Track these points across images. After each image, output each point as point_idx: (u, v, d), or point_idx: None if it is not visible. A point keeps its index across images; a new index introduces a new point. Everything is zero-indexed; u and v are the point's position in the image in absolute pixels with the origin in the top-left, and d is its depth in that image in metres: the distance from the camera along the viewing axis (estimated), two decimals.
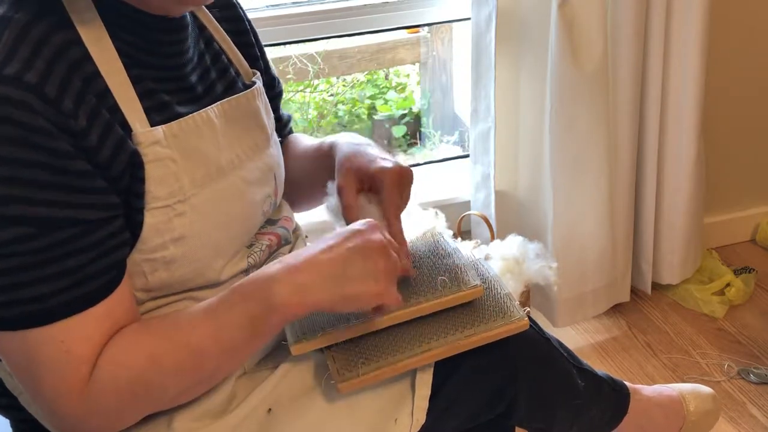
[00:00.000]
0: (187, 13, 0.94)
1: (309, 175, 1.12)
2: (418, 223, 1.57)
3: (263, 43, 1.15)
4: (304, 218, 1.77)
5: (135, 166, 0.82)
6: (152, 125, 0.84)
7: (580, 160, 1.68)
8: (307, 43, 1.92)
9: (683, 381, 1.65)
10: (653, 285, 1.94)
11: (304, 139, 1.21)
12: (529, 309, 1.01)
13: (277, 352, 0.98)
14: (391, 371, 0.93)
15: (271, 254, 1.03)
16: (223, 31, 1.03)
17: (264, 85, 1.06)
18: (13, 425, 1.00)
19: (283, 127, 1.20)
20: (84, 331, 0.79)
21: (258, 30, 1.15)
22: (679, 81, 1.73)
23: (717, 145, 1.97)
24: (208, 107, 0.91)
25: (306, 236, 1.14)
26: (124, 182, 0.81)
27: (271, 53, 1.17)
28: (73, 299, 0.78)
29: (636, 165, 1.79)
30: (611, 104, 1.69)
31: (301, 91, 2.52)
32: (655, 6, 1.64)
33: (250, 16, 1.12)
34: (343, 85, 2.63)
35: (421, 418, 0.96)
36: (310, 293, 0.82)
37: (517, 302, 1.00)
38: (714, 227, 2.08)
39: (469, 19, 1.71)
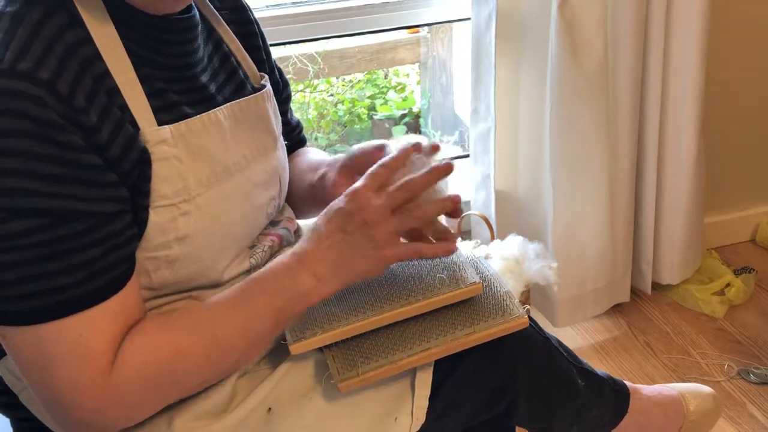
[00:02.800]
0: (197, 13, 0.94)
1: (309, 192, 1.13)
2: None
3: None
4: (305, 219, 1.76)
5: (144, 163, 0.83)
6: (160, 125, 0.84)
7: (580, 160, 1.68)
8: (307, 43, 1.92)
9: (683, 381, 1.65)
10: (653, 285, 1.94)
11: (314, 154, 1.20)
12: (528, 307, 1.01)
13: (277, 352, 0.98)
14: (391, 370, 0.93)
15: (273, 255, 1.03)
16: (233, 34, 1.03)
17: (272, 87, 1.07)
18: (13, 424, 1.00)
19: (290, 132, 1.20)
20: (100, 324, 0.79)
21: None
22: (679, 81, 1.73)
23: (717, 145, 1.97)
24: (217, 108, 0.92)
25: None
26: (133, 179, 0.82)
27: (271, 53, 1.17)
28: (87, 292, 0.78)
29: (636, 165, 1.79)
30: (611, 104, 1.69)
31: (301, 91, 2.52)
32: (655, 6, 1.64)
33: None
34: (343, 85, 2.63)
35: (420, 417, 0.96)
36: (328, 280, 0.87)
37: (517, 300, 1.00)
38: (714, 227, 2.08)
39: (469, 19, 1.71)
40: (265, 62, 1.11)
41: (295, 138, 1.22)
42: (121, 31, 0.84)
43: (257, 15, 1.12)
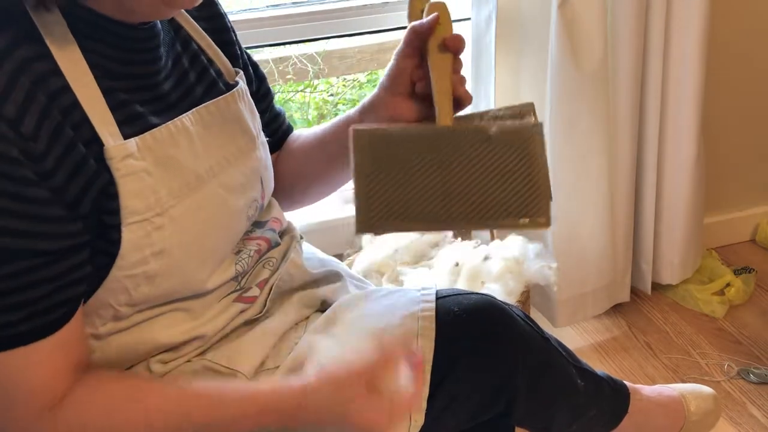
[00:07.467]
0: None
1: (322, 160, 1.08)
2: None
3: (264, 44, 1.13)
4: (302, 219, 1.76)
5: (104, 184, 0.79)
6: (125, 138, 0.81)
7: (580, 160, 1.68)
8: (307, 43, 1.92)
9: (683, 381, 1.66)
10: (653, 285, 1.94)
11: (307, 132, 1.14)
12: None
13: (276, 356, 0.98)
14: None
15: (260, 259, 1.01)
16: (202, 30, 0.98)
17: (248, 82, 1.03)
18: None
19: (278, 123, 1.15)
20: (31, 361, 0.77)
21: (258, 30, 1.13)
22: (679, 81, 1.73)
23: (717, 145, 1.97)
24: (183, 115, 0.88)
25: (301, 237, 1.12)
26: (85, 205, 0.78)
27: (271, 53, 1.16)
28: (20, 332, 0.76)
29: (636, 165, 1.79)
30: (611, 104, 1.69)
31: (301, 91, 2.52)
32: (655, 6, 1.64)
33: (250, 16, 1.11)
34: (343, 85, 2.63)
35: (419, 418, 0.96)
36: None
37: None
38: (714, 227, 2.08)
39: (469, 19, 1.71)
40: (239, 57, 1.06)
41: (283, 128, 1.16)
42: (82, 43, 0.80)
43: (257, 15, 1.12)
